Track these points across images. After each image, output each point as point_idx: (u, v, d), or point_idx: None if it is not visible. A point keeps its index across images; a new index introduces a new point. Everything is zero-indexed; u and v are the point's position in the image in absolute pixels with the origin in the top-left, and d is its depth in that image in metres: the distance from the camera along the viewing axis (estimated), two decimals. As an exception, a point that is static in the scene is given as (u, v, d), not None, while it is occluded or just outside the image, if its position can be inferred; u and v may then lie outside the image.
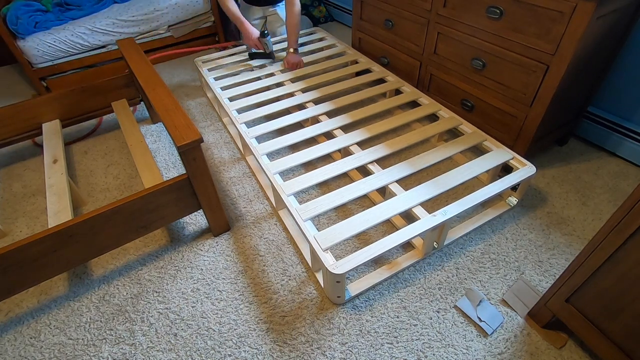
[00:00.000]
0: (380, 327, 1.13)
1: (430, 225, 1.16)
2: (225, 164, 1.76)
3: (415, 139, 1.53)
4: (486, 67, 1.51)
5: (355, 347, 1.08)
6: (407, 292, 1.21)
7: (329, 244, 1.12)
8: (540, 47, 1.29)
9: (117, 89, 1.90)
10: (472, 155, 1.64)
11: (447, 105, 1.74)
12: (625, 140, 1.59)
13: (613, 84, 1.57)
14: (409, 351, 1.07)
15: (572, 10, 1.16)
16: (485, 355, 1.05)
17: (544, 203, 1.47)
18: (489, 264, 1.27)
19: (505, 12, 1.35)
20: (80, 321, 1.18)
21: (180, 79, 2.46)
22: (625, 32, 1.37)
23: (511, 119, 1.50)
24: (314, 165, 1.65)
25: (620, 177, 1.56)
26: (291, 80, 1.97)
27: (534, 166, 1.36)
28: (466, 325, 1.12)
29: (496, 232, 1.37)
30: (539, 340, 1.07)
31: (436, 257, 1.30)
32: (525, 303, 1.15)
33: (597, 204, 1.45)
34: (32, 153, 1.91)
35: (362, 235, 1.38)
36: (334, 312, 1.16)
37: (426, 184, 1.30)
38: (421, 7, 1.69)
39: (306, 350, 1.08)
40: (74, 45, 2.30)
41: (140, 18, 2.45)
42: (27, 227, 1.50)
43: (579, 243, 1.32)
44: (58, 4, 2.44)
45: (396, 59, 1.99)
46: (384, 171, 1.37)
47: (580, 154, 1.68)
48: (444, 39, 1.65)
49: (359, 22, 2.16)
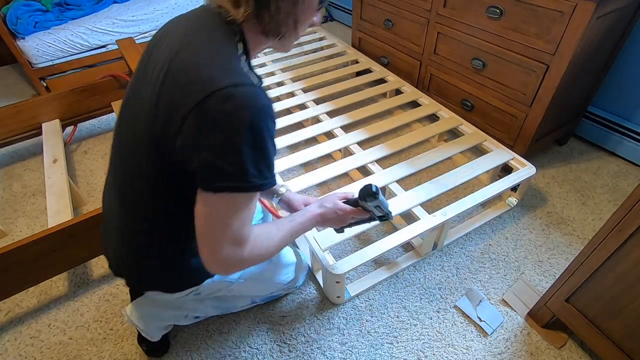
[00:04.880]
0: (380, 327, 1.13)
1: (430, 226, 1.16)
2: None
3: (416, 139, 1.53)
4: (486, 67, 1.51)
5: (355, 347, 1.08)
6: (407, 292, 1.21)
7: (329, 244, 1.12)
8: (540, 47, 1.29)
9: (117, 88, 1.90)
10: (472, 156, 1.64)
11: (447, 105, 1.74)
12: (625, 140, 1.59)
13: (613, 84, 1.56)
14: (409, 351, 1.07)
15: (572, 10, 1.16)
16: (485, 355, 1.05)
17: (544, 203, 1.47)
18: (489, 264, 1.27)
19: (505, 12, 1.35)
20: (80, 321, 1.18)
21: (180, 79, 2.46)
22: (625, 32, 1.37)
23: (511, 118, 1.50)
24: (314, 166, 1.65)
25: (620, 177, 1.56)
26: (292, 80, 1.97)
27: (534, 166, 1.36)
28: (466, 325, 1.12)
29: (496, 232, 1.37)
30: (539, 340, 1.07)
31: (436, 257, 1.30)
32: (525, 303, 1.15)
33: (597, 204, 1.45)
34: (32, 153, 1.91)
35: (362, 235, 1.38)
36: (334, 312, 1.16)
37: (426, 184, 1.30)
38: (421, 7, 1.69)
39: (306, 350, 1.08)
40: (73, 45, 2.30)
41: (140, 18, 2.45)
42: (27, 227, 1.50)
43: (579, 243, 1.32)
44: (58, 4, 2.44)
45: (396, 58, 1.99)
46: (384, 171, 1.37)
47: (580, 154, 1.68)
48: (444, 39, 1.65)
49: (359, 22, 2.16)
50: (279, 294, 1.17)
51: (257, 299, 1.13)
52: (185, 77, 0.58)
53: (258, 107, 0.57)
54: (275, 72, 2.04)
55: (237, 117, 0.56)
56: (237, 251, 0.65)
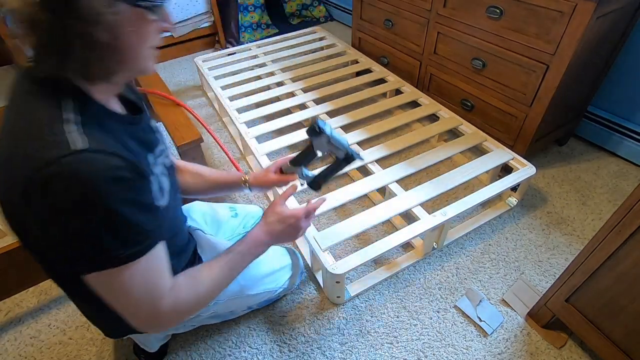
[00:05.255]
0: (380, 327, 1.13)
1: (430, 226, 1.16)
2: (225, 164, 1.76)
3: (416, 139, 1.53)
4: (486, 67, 1.51)
5: (355, 347, 1.08)
6: (407, 292, 1.21)
7: (329, 244, 1.12)
8: (540, 47, 1.29)
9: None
10: (472, 156, 1.64)
11: (447, 105, 1.74)
12: (625, 140, 1.59)
13: (613, 84, 1.56)
14: (408, 351, 1.07)
15: (572, 10, 1.16)
16: (485, 355, 1.05)
17: (544, 203, 1.47)
18: (489, 264, 1.27)
19: (505, 12, 1.35)
20: (80, 321, 1.18)
21: (180, 79, 2.46)
22: (625, 32, 1.37)
23: (511, 118, 1.50)
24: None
25: (620, 177, 1.56)
26: (292, 80, 1.97)
27: (534, 166, 1.36)
28: (466, 325, 1.12)
29: (496, 232, 1.37)
30: (539, 340, 1.07)
31: (436, 257, 1.30)
32: (525, 303, 1.15)
33: (597, 204, 1.45)
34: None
35: (362, 235, 1.38)
36: (334, 312, 1.16)
37: (426, 184, 1.30)
38: (421, 7, 1.69)
39: (306, 350, 1.08)
40: (74, 45, 2.30)
41: (140, 18, 2.45)
42: (27, 227, 1.50)
43: (579, 243, 1.32)
44: (58, 4, 2.44)
45: (396, 58, 1.99)
46: (384, 171, 1.37)
47: (580, 154, 1.68)
48: (444, 39, 1.65)
49: (359, 22, 2.16)
50: (276, 297, 1.14)
51: (253, 306, 1.10)
52: (3, 172, 0.51)
53: (87, 178, 0.47)
54: (275, 72, 2.04)
55: (66, 196, 0.47)
56: (157, 310, 0.59)
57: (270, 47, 2.31)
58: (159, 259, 0.59)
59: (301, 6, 3.05)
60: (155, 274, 0.58)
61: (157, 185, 0.63)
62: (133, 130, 0.61)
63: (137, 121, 0.64)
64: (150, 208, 0.56)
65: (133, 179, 0.52)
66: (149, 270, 0.56)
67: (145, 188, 0.56)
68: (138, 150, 0.60)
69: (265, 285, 1.03)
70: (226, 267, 0.70)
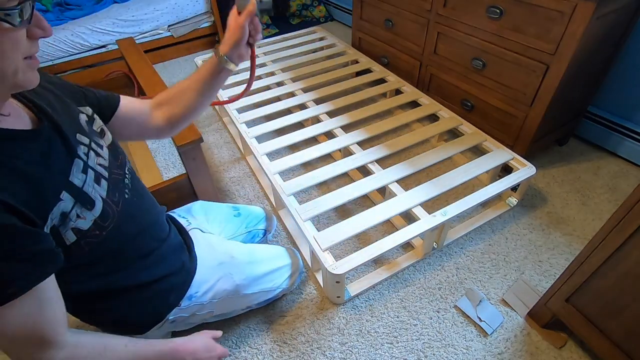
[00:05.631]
0: (380, 327, 1.12)
1: (430, 226, 1.16)
2: (225, 164, 1.76)
3: (416, 139, 1.53)
4: (486, 67, 1.51)
5: (355, 347, 1.08)
6: (407, 292, 1.21)
7: (329, 244, 1.12)
8: (540, 47, 1.29)
9: (117, 88, 1.90)
10: (472, 156, 1.64)
11: (447, 105, 1.74)
12: (625, 140, 1.59)
13: (613, 83, 1.56)
14: (409, 351, 1.07)
15: (572, 10, 1.16)
16: (485, 355, 1.05)
17: (544, 203, 1.47)
18: (489, 264, 1.27)
19: (505, 12, 1.35)
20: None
21: (180, 79, 2.46)
22: (625, 32, 1.37)
23: (511, 118, 1.50)
24: (314, 165, 1.65)
25: (620, 177, 1.56)
26: (292, 80, 1.97)
27: (534, 166, 1.36)
28: (466, 325, 1.12)
29: (496, 232, 1.37)
30: (539, 340, 1.07)
31: (436, 257, 1.30)
32: (525, 303, 1.15)
33: (597, 204, 1.45)
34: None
35: (362, 235, 1.38)
36: (334, 312, 1.16)
37: (426, 184, 1.30)
38: (421, 7, 1.69)
39: (306, 350, 1.08)
40: (73, 45, 2.30)
41: (140, 18, 2.45)
42: (27, 227, 1.50)
43: (579, 243, 1.32)
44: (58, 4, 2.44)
45: (396, 58, 1.99)
46: (384, 171, 1.37)
47: (580, 154, 1.68)
48: (444, 39, 1.65)
49: (359, 22, 2.16)
50: (275, 297, 1.14)
51: (252, 305, 1.09)
52: None
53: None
54: (276, 72, 2.04)
55: None
56: (50, 355, 0.57)
57: (270, 47, 2.31)
58: (35, 306, 0.54)
59: (301, 6, 3.06)
60: (40, 309, 0.54)
61: (91, 187, 0.62)
62: (36, 147, 0.55)
63: (41, 133, 0.56)
64: (21, 255, 0.50)
65: (3, 226, 0.47)
66: (18, 316, 0.52)
67: (23, 234, 0.50)
68: (43, 168, 0.55)
69: (262, 285, 1.03)
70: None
